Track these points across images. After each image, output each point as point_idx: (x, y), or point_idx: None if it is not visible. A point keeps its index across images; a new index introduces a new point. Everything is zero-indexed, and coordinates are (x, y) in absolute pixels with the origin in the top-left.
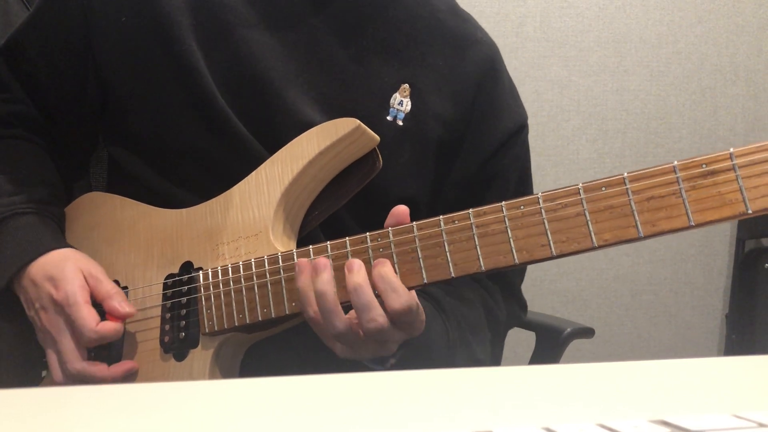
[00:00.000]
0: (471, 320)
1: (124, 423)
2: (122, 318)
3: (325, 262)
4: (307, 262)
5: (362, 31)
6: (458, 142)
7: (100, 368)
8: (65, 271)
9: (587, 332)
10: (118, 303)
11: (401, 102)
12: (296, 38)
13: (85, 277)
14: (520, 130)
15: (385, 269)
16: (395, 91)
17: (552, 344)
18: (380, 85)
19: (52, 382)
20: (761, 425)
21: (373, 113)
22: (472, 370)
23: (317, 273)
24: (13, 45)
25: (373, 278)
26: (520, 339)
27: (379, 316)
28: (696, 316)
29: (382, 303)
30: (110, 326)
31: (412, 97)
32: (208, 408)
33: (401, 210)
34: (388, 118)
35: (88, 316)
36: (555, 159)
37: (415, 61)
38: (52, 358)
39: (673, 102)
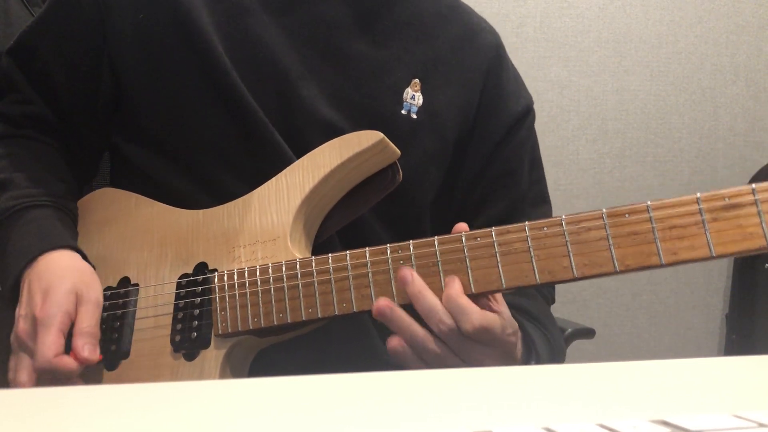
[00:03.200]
0: (544, 311)
1: (124, 423)
2: (80, 362)
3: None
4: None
5: (372, 26)
6: (470, 130)
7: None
8: (59, 290)
9: (588, 332)
10: (83, 346)
11: (413, 96)
12: (310, 33)
13: (77, 300)
14: (526, 112)
15: (451, 291)
16: (407, 86)
17: None
18: (393, 80)
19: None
20: (761, 425)
21: (389, 107)
22: (472, 370)
23: (405, 284)
24: (24, 45)
25: (443, 300)
26: None
27: (445, 317)
28: (696, 316)
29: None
30: (67, 363)
31: (422, 91)
32: (209, 408)
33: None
34: (403, 111)
35: (51, 345)
36: (555, 159)
37: (424, 55)
38: (11, 362)
39: (673, 102)
